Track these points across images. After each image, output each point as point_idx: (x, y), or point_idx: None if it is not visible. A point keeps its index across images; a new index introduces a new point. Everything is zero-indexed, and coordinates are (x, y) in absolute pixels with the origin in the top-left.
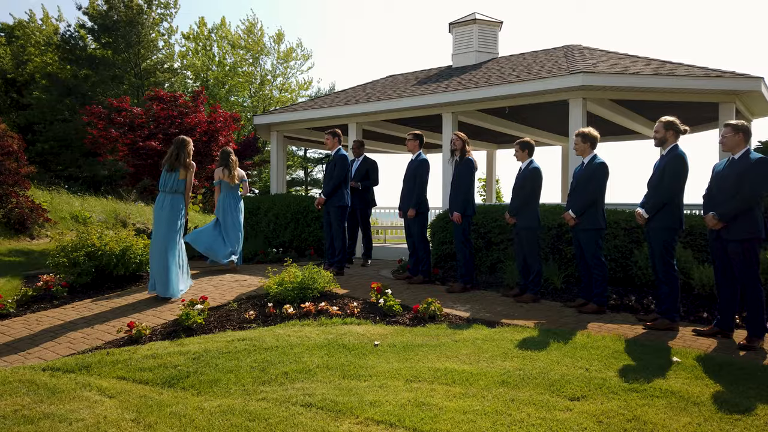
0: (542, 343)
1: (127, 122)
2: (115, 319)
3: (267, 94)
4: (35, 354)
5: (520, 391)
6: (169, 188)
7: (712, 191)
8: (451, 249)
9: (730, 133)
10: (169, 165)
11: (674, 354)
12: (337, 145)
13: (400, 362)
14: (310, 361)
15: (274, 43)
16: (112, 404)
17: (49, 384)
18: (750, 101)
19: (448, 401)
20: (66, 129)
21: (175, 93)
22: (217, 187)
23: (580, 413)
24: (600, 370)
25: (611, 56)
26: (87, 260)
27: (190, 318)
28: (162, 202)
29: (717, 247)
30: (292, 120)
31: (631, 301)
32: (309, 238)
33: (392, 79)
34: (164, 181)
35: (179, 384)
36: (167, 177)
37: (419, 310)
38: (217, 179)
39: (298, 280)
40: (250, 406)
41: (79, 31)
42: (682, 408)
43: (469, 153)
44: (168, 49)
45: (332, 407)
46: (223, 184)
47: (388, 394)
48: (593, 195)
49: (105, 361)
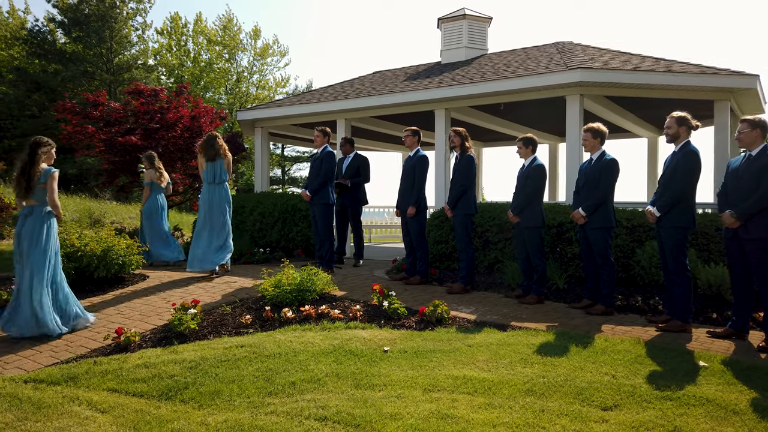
0: (560, 348)
1: (104, 117)
2: (99, 324)
3: (243, 90)
4: (14, 364)
5: (548, 400)
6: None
7: (727, 189)
8: (447, 249)
9: (747, 128)
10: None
11: (698, 358)
12: (325, 142)
13: (414, 370)
14: (318, 369)
15: (251, 39)
16: (106, 420)
17: (34, 398)
18: (743, 99)
19: (474, 413)
20: (35, 125)
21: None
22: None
23: (618, 425)
24: (627, 376)
25: (604, 53)
26: (66, 262)
27: (182, 323)
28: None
29: (733, 247)
30: (277, 116)
31: (638, 301)
32: (297, 237)
33: (380, 74)
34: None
35: (178, 396)
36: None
37: (426, 313)
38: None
39: (296, 282)
40: (259, 420)
41: (49, 25)
42: (722, 417)
43: (470, 149)
44: (142, 45)
45: (349, 421)
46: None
47: (407, 405)
48: (604, 192)
49: (93, 371)
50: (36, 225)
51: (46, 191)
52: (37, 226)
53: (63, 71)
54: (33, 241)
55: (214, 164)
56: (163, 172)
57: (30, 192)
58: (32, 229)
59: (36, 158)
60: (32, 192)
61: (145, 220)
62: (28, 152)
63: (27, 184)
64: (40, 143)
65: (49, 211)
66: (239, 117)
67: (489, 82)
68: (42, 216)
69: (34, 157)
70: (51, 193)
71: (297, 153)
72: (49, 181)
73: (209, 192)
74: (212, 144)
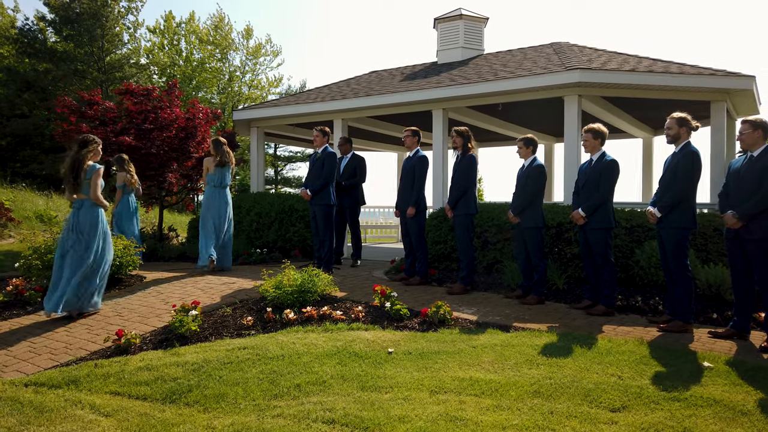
0: (565, 349)
1: (99, 116)
2: (98, 326)
3: (236, 90)
4: (13, 367)
5: (555, 402)
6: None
7: (728, 189)
8: (445, 249)
9: (749, 129)
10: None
11: (702, 358)
12: (325, 142)
13: (419, 371)
14: (322, 371)
15: (243, 39)
16: (110, 424)
17: (35, 402)
18: (739, 100)
19: (482, 415)
20: (25, 125)
21: (148, 87)
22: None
23: (627, 426)
24: (633, 377)
25: (601, 53)
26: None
27: (183, 325)
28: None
29: (734, 247)
30: (274, 116)
31: (638, 301)
32: (294, 238)
33: (376, 74)
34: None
35: (182, 399)
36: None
37: (428, 314)
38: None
39: (298, 284)
40: (266, 423)
41: (39, 24)
42: (731, 419)
43: (472, 149)
44: (134, 44)
45: (358, 424)
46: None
47: (415, 407)
48: (605, 193)
49: (95, 374)
50: (87, 216)
51: (89, 186)
52: (88, 217)
53: (54, 70)
54: (84, 231)
55: (223, 169)
56: (133, 174)
57: (79, 187)
58: (84, 221)
59: (83, 156)
60: (81, 187)
61: (115, 222)
62: (76, 150)
63: (74, 180)
64: (88, 141)
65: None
66: (235, 117)
67: (488, 83)
68: (91, 208)
69: (82, 155)
70: (94, 188)
71: (290, 153)
72: (93, 177)
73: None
74: (223, 150)
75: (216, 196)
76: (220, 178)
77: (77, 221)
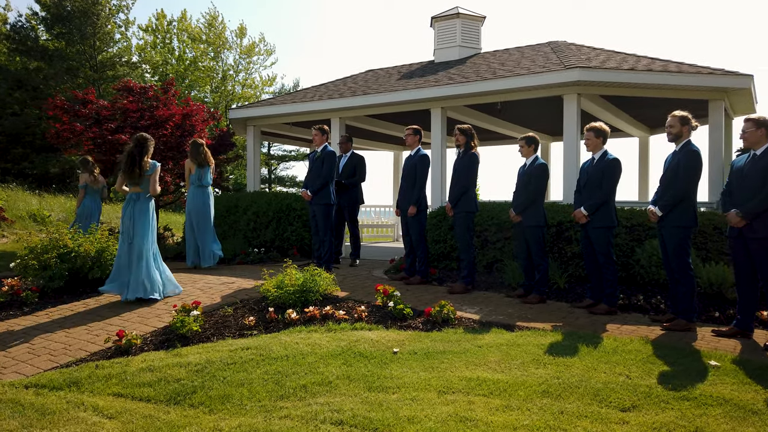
0: (571, 348)
1: (93, 115)
2: (97, 327)
3: (229, 89)
4: (12, 368)
5: (565, 401)
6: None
7: (731, 188)
8: (445, 248)
9: (752, 128)
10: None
11: (708, 357)
12: (324, 141)
13: (426, 371)
14: (328, 371)
15: (236, 38)
16: (114, 426)
17: (36, 404)
18: (736, 99)
19: (492, 415)
20: (16, 123)
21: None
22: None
23: (638, 426)
24: (641, 376)
25: (599, 52)
26: (59, 263)
27: (185, 325)
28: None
29: (738, 246)
30: (271, 114)
31: (640, 300)
32: (292, 237)
33: (373, 73)
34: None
35: (186, 401)
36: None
37: (432, 314)
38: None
39: (299, 283)
40: (274, 425)
41: (31, 21)
42: (742, 418)
43: (474, 147)
44: (125, 42)
45: (367, 425)
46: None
47: (423, 408)
48: (607, 191)
49: (96, 375)
50: (143, 208)
51: (149, 182)
52: (144, 209)
53: (45, 69)
54: (139, 221)
55: (202, 170)
56: (98, 175)
57: (141, 181)
58: (140, 212)
59: (145, 152)
60: (142, 181)
61: (79, 223)
62: (137, 147)
63: (140, 175)
64: (147, 139)
65: (150, 197)
66: (231, 115)
67: (486, 81)
68: (146, 201)
69: (144, 151)
70: (153, 183)
71: (284, 152)
72: (153, 174)
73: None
74: (201, 151)
75: (199, 195)
76: (200, 177)
77: (132, 213)
